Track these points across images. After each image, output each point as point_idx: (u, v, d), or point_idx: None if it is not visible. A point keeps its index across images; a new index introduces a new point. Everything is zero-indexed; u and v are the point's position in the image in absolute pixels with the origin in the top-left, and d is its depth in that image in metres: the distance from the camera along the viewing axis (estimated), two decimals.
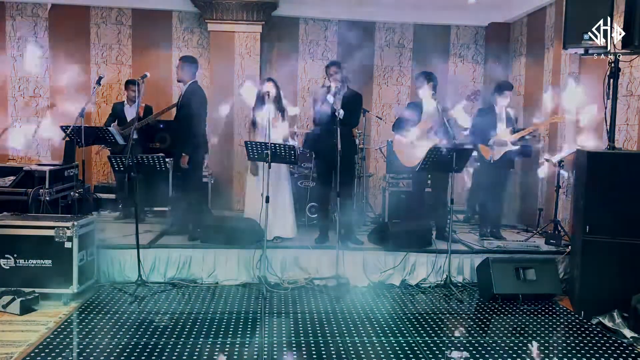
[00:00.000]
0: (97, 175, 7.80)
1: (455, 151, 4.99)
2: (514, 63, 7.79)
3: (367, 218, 6.92)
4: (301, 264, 5.24)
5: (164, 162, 4.93)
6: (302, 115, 7.96)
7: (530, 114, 7.07)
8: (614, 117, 4.63)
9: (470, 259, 5.35)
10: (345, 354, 3.63)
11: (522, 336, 4.10)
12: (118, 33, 7.71)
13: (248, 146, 4.91)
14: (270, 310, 4.46)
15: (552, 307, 4.78)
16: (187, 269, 5.14)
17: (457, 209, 6.65)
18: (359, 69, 7.76)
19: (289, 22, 7.87)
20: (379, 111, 8.01)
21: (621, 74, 4.68)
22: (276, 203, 5.31)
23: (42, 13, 7.56)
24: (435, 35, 8.05)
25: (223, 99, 7.52)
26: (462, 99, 5.59)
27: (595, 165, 4.52)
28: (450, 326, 4.28)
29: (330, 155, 5.05)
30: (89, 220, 4.74)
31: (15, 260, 4.41)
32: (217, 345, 3.72)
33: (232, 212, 7.31)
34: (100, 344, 3.69)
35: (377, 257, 5.28)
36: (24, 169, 5.30)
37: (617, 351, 3.82)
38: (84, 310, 4.34)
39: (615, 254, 4.44)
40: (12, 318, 4.09)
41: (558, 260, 5.22)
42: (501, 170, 5.80)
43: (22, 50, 7.58)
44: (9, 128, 6.24)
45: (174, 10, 7.72)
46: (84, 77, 7.62)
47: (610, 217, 4.45)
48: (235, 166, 7.64)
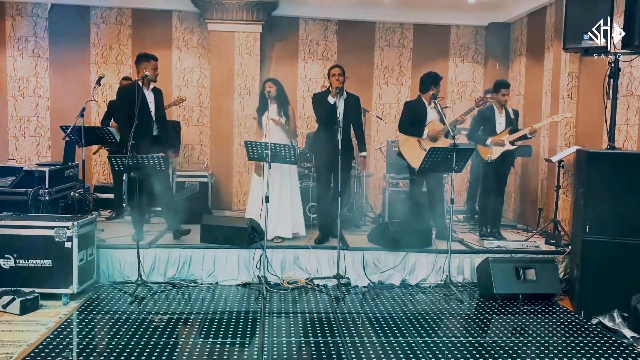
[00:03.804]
0: (97, 175, 7.81)
1: (455, 151, 4.99)
2: (514, 63, 7.79)
3: (367, 218, 6.93)
4: (301, 264, 5.25)
5: (164, 162, 4.93)
6: (302, 115, 7.97)
7: (530, 113, 7.09)
8: (614, 117, 4.63)
9: (470, 259, 5.35)
10: (345, 354, 3.63)
11: (522, 336, 4.10)
12: (118, 33, 7.71)
13: (248, 146, 4.91)
14: (270, 310, 4.45)
15: (552, 307, 4.78)
16: (187, 269, 5.15)
17: (457, 209, 6.68)
18: (359, 69, 7.78)
19: (289, 22, 7.87)
20: (379, 111, 8.01)
21: (621, 74, 4.68)
22: (281, 202, 5.32)
23: (42, 13, 7.56)
24: (435, 35, 8.05)
25: (223, 99, 7.56)
26: (471, 105, 5.64)
27: (595, 165, 4.52)
28: (450, 326, 4.28)
29: (331, 155, 5.06)
30: (89, 220, 4.74)
31: (15, 260, 4.41)
32: (217, 345, 3.72)
33: (232, 212, 7.32)
34: (100, 344, 3.69)
35: (377, 257, 5.28)
36: (24, 169, 5.29)
37: (617, 351, 3.82)
38: (84, 310, 4.34)
39: (615, 254, 4.43)
40: (12, 318, 4.09)
41: (558, 260, 5.22)
42: (501, 170, 5.79)
43: (22, 50, 7.58)
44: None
45: (174, 10, 7.72)
46: (83, 77, 7.64)
47: (610, 217, 4.45)
48: (235, 166, 7.64)
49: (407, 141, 5.68)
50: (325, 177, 5.52)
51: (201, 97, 7.86)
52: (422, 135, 5.59)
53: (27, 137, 7.73)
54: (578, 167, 4.89)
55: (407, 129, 5.67)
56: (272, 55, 7.88)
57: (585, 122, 6.09)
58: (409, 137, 5.67)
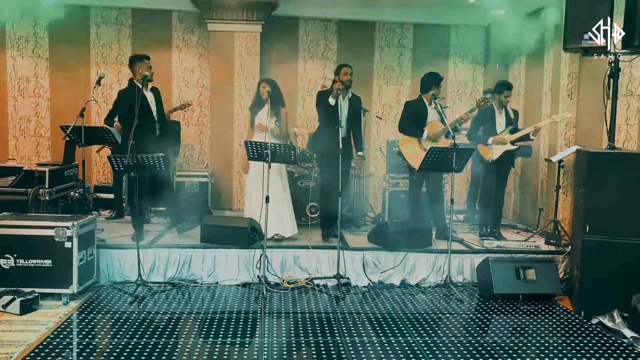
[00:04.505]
0: (97, 175, 7.80)
1: (455, 151, 4.99)
2: (514, 63, 7.79)
3: (367, 218, 6.93)
4: (301, 264, 5.24)
5: (164, 162, 4.92)
6: (302, 115, 7.97)
7: (530, 113, 7.09)
8: (614, 117, 4.63)
9: (470, 259, 5.35)
10: (345, 354, 3.63)
11: (522, 336, 4.10)
12: (118, 33, 7.71)
13: (248, 146, 4.92)
14: (270, 310, 4.45)
15: (552, 307, 4.78)
16: (187, 268, 5.15)
17: (457, 209, 6.68)
18: (359, 69, 7.77)
19: (289, 22, 7.87)
20: (379, 111, 8.01)
21: (621, 74, 4.68)
22: (276, 201, 5.33)
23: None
24: (435, 35, 8.05)
25: (223, 99, 7.55)
26: (472, 105, 5.64)
27: (595, 165, 4.52)
28: (450, 326, 4.27)
29: (333, 154, 5.08)
30: (89, 220, 4.74)
31: (15, 260, 4.41)
32: (217, 345, 3.72)
33: (232, 212, 7.32)
34: (100, 344, 3.69)
35: (377, 257, 5.28)
36: (24, 169, 5.30)
37: (617, 351, 3.82)
38: (84, 310, 4.34)
39: (615, 254, 4.43)
40: (12, 318, 4.09)
41: (558, 260, 5.22)
42: (501, 170, 5.80)
43: (22, 50, 7.58)
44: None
45: (174, 10, 7.72)
46: (84, 77, 7.64)
47: (610, 217, 4.45)
48: (235, 166, 7.65)
49: (407, 141, 5.68)
50: (328, 176, 5.52)
51: (201, 97, 7.86)
52: (422, 136, 5.59)
53: (27, 137, 7.73)
54: (578, 167, 4.89)
55: (407, 129, 5.67)
56: (272, 55, 7.88)
57: (585, 122, 6.09)
58: (409, 137, 5.68)
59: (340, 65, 5.54)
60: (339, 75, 5.44)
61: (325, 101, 5.39)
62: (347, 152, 5.37)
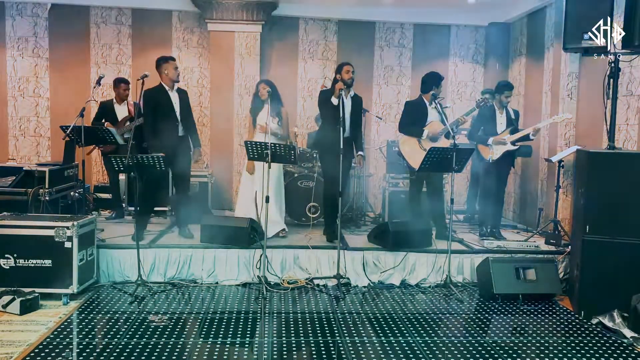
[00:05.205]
0: (97, 175, 7.80)
1: (455, 151, 4.99)
2: (514, 63, 7.79)
3: (367, 218, 6.93)
4: (301, 264, 5.24)
5: (163, 162, 4.92)
6: (302, 115, 7.97)
7: (530, 113, 7.09)
8: (614, 117, 4.63)
9: (470, 259, 5.35)
10: (345, 354, 3.63)
11: (522, 336, 4.10)
12: (118, 33, 7.71)
13: (248, 146, 4.92)
14: (270, 310, 4.45)
15: (552, 307, 4.78)
16: (187, 268, 5.15)
17: (457, 209, 6.68)
18: (359, 69, 7.76)
19: (289, 22, 7.87)
20: (379, 111, 8.01)
21: (621, 74, 4.68)
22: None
23: (42, 13, 7.56)
24: (435, 35, 8.05)
25: (223, 99, 7.55)
26: (472, 105, 5.65)
27: (595, 165, 4.52)
28: (450, 326, 4.27)
29: (335, 153, 5.08)
30: (89, 220, 4.74)
31: (15, 260, 4.41)
32: (217, 345, 3.72)
33: (232, 212, 7.31)
34: (100, 344, 3.69)
35: (377, 257, 5.28)
36: (24, 169, 5.30)
37: (617, 351, 3.82)
38: (84, 310, 4.35)
39: (615, 254, 4.43)
40: (12, 318, 4.09)
41: (558, 260, 5.22)
42: (501, 170, 5.79)
43: (22, 50, 7.58)
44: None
45: (174, 10, 7.72)
46: (83, 77, 7.64)
47: (610, 217, 4.45)
48: (235, 166, 7.64)
49: (407, 141, 5.68)
50: (331, 175, 5.51)
51: (201, 97, 7.86)
52: (422, 136, 5.59)
53: (27, 137, 7.72)
54: (578, 167, 4.89)
55: (408, 129, 5.67)
56: (272, 55, 7.88)
57: (585, 122, 6.09)
58: (409, 137, 5.68)
59: (342, 64, 5.51)
60: (341, 73, 5.42)
61: (327, 101, 5.38)
62: (349, 151, 5.38)
